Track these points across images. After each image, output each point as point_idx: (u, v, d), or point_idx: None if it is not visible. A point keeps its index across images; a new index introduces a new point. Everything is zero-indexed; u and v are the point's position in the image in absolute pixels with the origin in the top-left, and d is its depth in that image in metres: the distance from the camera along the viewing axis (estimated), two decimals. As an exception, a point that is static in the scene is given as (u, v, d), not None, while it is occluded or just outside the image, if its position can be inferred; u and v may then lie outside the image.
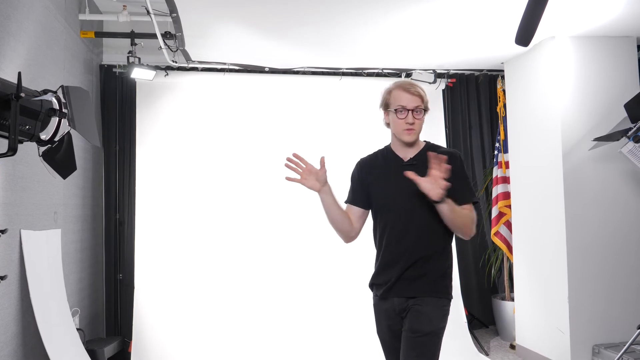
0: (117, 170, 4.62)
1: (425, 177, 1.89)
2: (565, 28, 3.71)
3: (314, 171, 2.02)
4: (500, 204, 4.68)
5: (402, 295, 2.03)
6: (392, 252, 2.05)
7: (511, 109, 4.49)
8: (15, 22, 2.78)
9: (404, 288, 2.02)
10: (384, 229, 2.07)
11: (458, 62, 4.71)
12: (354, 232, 2.13)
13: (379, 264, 2.11)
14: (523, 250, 4.32)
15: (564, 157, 3.80)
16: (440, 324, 2.03)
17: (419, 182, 1.86)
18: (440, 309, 2.03)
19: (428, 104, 2.06)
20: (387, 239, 2.06)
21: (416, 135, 2.05)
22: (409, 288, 2.02)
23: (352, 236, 2.13)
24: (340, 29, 3.71)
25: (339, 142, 4.69)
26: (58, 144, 2.02)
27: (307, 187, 2.03)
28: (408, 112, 2.01)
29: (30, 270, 2.89)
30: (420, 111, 2.03)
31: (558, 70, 3.85)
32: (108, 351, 3.87)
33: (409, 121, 2.01)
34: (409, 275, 2.01)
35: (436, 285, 2.02)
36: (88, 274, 4.20)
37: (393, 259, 2.04)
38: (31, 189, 3.00)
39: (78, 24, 3.96)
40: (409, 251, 2.01)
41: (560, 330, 3.79)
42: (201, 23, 3.61)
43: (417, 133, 2.05)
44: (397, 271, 2.02)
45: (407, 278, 2.01)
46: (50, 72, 3.31)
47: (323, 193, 2.04)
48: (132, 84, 4.56)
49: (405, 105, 2.01)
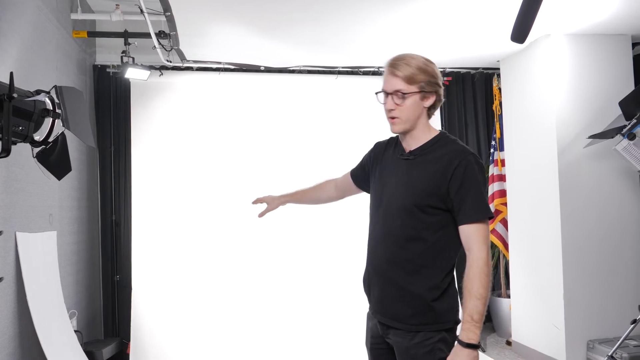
0: (112, 171, 4.59)
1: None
2: (560, 26, 3.72)
3: (269, 200, 2.16)
4: (496, 202, 4.69)
5: (381, 320, 1.69)
6: (372, 260, 1.73)
7: (507, 107, 4.51)
8: (6, 22, 2.75)
9: (381, 311, 1.69)
10: (369, 230, 1.77)
11: (454, 61, 4.72)
12: (333, 200, 2.08)
13: (364, 271, 1.80)
14: (519, 248, 4.34)
15: (559, 154, 3.81)
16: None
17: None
18: (425, 345, 1.59)
19: (428, 84, 1.61)
20: (369, 244, 1.75)
21: (402, 125, 1.64)
22: (386, 312, 1.67)
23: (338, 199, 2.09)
24: (336, 27, 3.70)
25: (334, 141, 4.68)
26: (52, 144, 2.00)
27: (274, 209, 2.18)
28: (388, 96, 1.64)
29: (27, 273, 2.87)
30: (403, 96, 1.60)
31: (553, 68, 3.86)
32: (106, 353, 3.85)
33: (387, 107, 1.64)
34: (387, 294, 1.66)
35: (419, 312, 1.60)
36: (85, 276, 4.17)
37: (372, 269, 1.73)
38: (26, 191, 2.98)
39: (70, 23, 3.93)
40: (387, 263, 1.66)
41: (555, 326, 3.82)
42: (195, 22, 3.59)
43: (402, 122, 1.63)
44: (375, 287, 1.71)
45: (385, 298, 1.67)
46: (42, 72, 3.28)
47: (290, 201, 2.13)
48: (126, 84, 4.53)
49: (385, 88, 1.64)
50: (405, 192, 1.62)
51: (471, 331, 1.48)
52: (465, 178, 1.56)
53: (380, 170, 1.77)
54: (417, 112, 1.64)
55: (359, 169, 1.94)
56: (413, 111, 1.63)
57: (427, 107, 1.65)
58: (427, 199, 1.58)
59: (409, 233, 1.61)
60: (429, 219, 1.59)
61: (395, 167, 1.71)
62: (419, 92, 1.61)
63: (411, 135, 1.68)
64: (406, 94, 1.60)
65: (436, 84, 1.64)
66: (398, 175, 1.67)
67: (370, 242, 1.74)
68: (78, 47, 4.13)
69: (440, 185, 1.57)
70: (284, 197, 2.14)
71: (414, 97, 1.61)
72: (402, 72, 1.60)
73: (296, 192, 2.14)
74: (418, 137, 1.67)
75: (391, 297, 1.64)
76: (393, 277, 1.64)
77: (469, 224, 1.55)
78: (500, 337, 4.72)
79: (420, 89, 1.61)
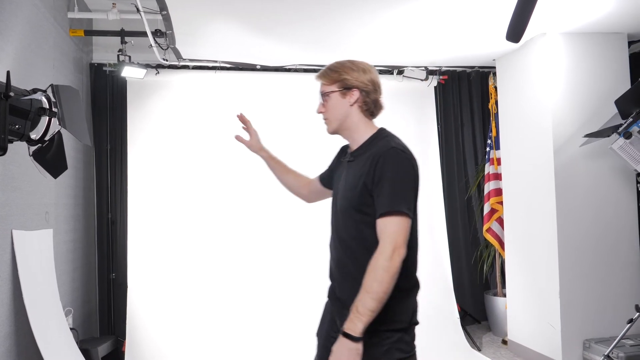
0: (108, 169, 4.59)
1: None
2: (556, 24, 3.74)
3: (254, 140, 2.05)
4: (492, 201, 4.71)
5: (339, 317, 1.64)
6: (331, 259, 1.75)
7: (503, 106, 4.52)
8: (3, 21, 2.75)
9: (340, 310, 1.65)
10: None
11: (450, 59, 4.73)
12: (308, 200, 2.04)
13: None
14: (515, 247, 4.35)
15: (555, 153, 3.82)
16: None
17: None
18: (382, 345, 1.54)
19: (345, 81, 1.65)
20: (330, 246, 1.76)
21: (331, 126, 1.72)
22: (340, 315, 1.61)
23: (309, 201, 2.05)
24: (332, 26, 3.71)
25: (331, 139, 4.69)
26: (48, 143, 2.00)
27: (253, 151, 2.05)
28: (319, 103, 1.74)
29: (23, 271, 2.87)
30: (323, 96, 1.70)
31: (549, 66, 3.87)
32: (102, 350, 3.86)
33: (317, 111, 1.75)
34: (343, 294, 1.65)
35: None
36: (81, 274, 4.17)
37: (332, 267, 1.74)
38: (22, 189, 2.98)
39: (67, 22, 3.92)
40: (337, 265, 1.68)
41: (551, 325, 3.83)
42: (192, 21, 3.59)
43: (331, 122, 1.70)
44: (334, 283, 1.73)
45: (342, 297, 1.66)
46: (39, 71, 3.28)
47: (267, 159, 2.03)
48: (123, 83, 4.53)
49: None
50: (344, 195, 1.65)
51: (352, 322, 1.45)
52: (381, 173, 1.55)
53: (337, 174, 1.81)
54: (342, 111, 1.68)
55: (328, 172, 1.96)
56: (338, 110, 1.68)
57: (353, 104, 1.67)
58: (360, 198, 1.58)
59: (353, 234, 1.60)
60: (367, 219, 1.57)
61: (342, 171, 1.75)
62: (337, 90, 1.67)
63: (350, 137, 1.73)
64: (324, 94, 1.69)
65: (357, 81, 1.65)
66: (342, 178, 1.71)
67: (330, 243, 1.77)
68: (75, 45, 4.12)
69: (368, 182, 1.57)
70: (266, 152, 2.07)
71: (335, 96, 1.67)
72: (322, 77, 1.71)
73: (279, 162, 2.07)
74: (356, 138, 1.71)
75: (347, 296, 1.59)
76: (346, 277, 1.63)
77: (379, 218, 1.53)
78: (496, 336, 4.74)
79: (338, 87, 1.67)
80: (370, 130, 1.70)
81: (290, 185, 2.05)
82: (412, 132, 4.97)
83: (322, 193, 1.97)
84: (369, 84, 1.68)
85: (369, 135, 1.69)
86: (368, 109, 1.69)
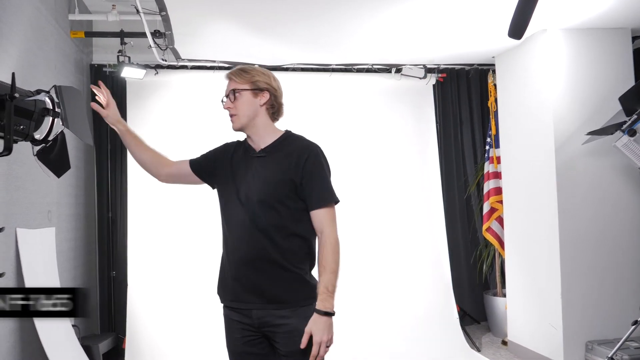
0: (109, 169, 4.63)
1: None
2: (557, 20, 3.67)
3: (112, 110, 2.02)
4: (491, 200, 4.67)
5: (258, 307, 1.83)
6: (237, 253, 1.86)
7: (502, 104, 4.48)
8: (6, 23, 2.78)
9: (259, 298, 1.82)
10: (227, 226, 1.85)
11: (448, 57, 4.71)
12: (164, 180, 2.07)
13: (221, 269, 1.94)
14: (515, 246, 4.31)
15: (557, 151, 3.76)
16: None
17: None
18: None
19: (257, 82, 1.81)
20: (230, 238, 1.86)
21: (239, 122, 1.83)
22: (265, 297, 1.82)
23: (164, 181, 2.07)
24: (330, 25, 3.72)
25: (328, 138, 4.70)
26: (52, 143, 2.03)
27: (109, 122, 2.03)
28: (227, 98, 1.86)
29: (26, 268, 2.91)
30: (235, 94, 1.82)
31: (550, 63, 3.81)
32: (102, 347, 3.89)
33: (225, 107, 1.86)
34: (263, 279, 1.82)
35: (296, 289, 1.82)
36: (82, 272, 4.21)
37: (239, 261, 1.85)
38: (26, 188, 3.02)
39: (68, 24, 3.95)
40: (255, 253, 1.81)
41: (552, 326, 3.77)
42: (190, 21, 3.62)
43: (240, 118, 1.83)
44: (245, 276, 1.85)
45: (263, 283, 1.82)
46: (42, 72, 3.31)
47: (123, 132, 2.02)
48: (123, 83, 4.56)
49: (225, 93, 1.87)
50: (262, 188, 1.77)
51: (326, 300, 1.67)
52: (314, 169, 1.78)
53: (234, 169, 1.87)
54: (252, 109, 1.83)
55: (203, 160, 2.00)
56: (247, 107, 1.82)
57: (263, 105, 1.83)
58: (282, 190, 1.76)
59: (274, 222, 1.75)
60: (287, 210, 1.76)
61: (248, 165, 1.85)
62: (250, 90, 1.81)
63: (257, 135, 1.86)
64: (237, 91, 1.81)
65: (268, 84, 1.83)
66: (252, 171, 1.81)
67: (232, 236, 1.81)
68: (76, 47, 4.15)
69: (295, 176, 1.76)
70: (123, 125, 2.05)
71: (246, 94, 1.81)
72: (236, 75, 1.83)
73: (136, 137, 2.07)
74: (264, 137, 1.85)
75: (264, 279, 1.75)
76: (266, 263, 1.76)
77: (319, 209, 1.76)
78: (496, 337, 4.70)
79: (250, 86, 1.81)
80: (277, 131, 1.89)
81: (145, 162, 2.05)
82: (411, 130, 4.97)
83: (185, 177, 2.01)
84: (278, 90, 1.88)
85: (278, 135, 1.87)
86: (274, 112, 1.88)
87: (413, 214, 4.83)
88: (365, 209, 4.72)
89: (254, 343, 1.80)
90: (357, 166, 4.79)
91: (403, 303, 4.55)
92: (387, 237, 4.72)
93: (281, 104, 1.90)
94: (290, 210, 1.77)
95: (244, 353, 1.81)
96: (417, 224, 4.83)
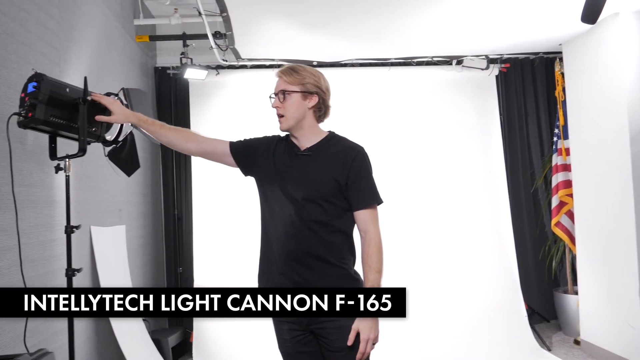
0: (174, 168, 4.80)
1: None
2: (629, 3, 3.47)
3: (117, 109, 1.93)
4: (560, 193, 4.48)
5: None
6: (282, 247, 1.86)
7: (571, 93, 4.28)
8: (79, 31, 2.94)
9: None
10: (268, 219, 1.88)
11: (512, 46, 4.53)
12: (195, 154, 2.05)
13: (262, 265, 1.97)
14: (587, 241, 4.13)
15: (632, 140, 3.56)
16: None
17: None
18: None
19: (307, 85, 1.80)
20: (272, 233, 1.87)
21: (287, 123, 1.83)
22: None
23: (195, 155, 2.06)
24: (388, 19, 3.66)
25: (389, 134, 4.65)
26: (122, 144, 2.13)
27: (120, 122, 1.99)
28: (275, 97, 1.86)
29: (100, 264, 3.07)
30: (285, 95, 1.81)
31: (623, 48, 3.62)
32: (171, 341, 4.04)
33: (273, 106, 1.87)
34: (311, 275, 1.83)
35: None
36: (151, 267, 4.40)
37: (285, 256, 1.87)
38: (98, 188, 3.18)
39: (133, 29, 4.13)
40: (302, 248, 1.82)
41: (630, 325, 3.59)
42: (250, 21, 3.67)
43: (288, 119, 1.83)
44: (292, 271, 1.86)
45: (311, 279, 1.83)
46: (110, 76, 3.48)
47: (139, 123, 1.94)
48: (185, 84, 4.71)
49: (274, 91, 1.87)
50: (308, 184, 1.78)
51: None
52: (361, 169, 1.80)
53: (276, 164, 1.88)
54: (300, 111, 1.83)
55: (244, 145, 2.00)
56: (296, 109, 1.82)
57: (311, 108, 1.83)
58: (327, 188, 1.77)
59: (320, 219, 1.76)
60: (332, 207, 1.78)
61: (292, 162, 1.85)
62: (300, 92, 1.81)
63: (302, 135, 1.86)
64: (286, 92, 1.81)
65: (318, 87, 1.83)
66: (297, 168, 1.82)
67: (276, 230, 1.82)
68: (140, 51, 4.33)
69: (341, 176, 1.77)
70: (136, 116, 1.96)
71: (295, 96, 1.81)
72: (286, 75, 1.83)
73: (154, 122, 1.99)
74: (309, 137, 1.86)
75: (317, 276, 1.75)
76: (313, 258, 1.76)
77: (364, 209, 1.78)
78: (567, 336, 4.52)
79: (300, 88, 1.81)
80: (322, 132, 1.90)
81: (171, 141, 1.98)
82: (473, 124, 4.82)
83: (220, 157, 2.00)
84: (327, 92, 1.88)
85: (323, 135, 1.88)
86: (321, 114, 1.88)
87: (478, 210, 4.70)
88: (429, 205, 4.65)
89: (305, 342, 1.79)
90: (419, 161, 4.71)
91: (469, 301, 4.43)
92: (452, 235, 4.62)
93: (328, 106, 1.90)
94: (333, 207, 1.78)
95: (297, 353, 1.81)
96: (482, 220, 4.68)
